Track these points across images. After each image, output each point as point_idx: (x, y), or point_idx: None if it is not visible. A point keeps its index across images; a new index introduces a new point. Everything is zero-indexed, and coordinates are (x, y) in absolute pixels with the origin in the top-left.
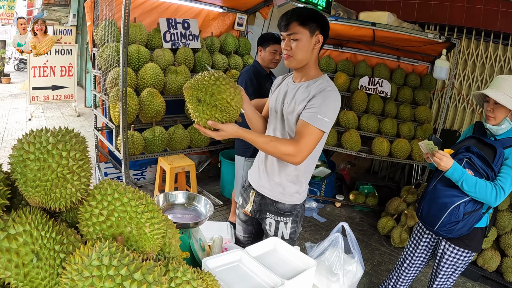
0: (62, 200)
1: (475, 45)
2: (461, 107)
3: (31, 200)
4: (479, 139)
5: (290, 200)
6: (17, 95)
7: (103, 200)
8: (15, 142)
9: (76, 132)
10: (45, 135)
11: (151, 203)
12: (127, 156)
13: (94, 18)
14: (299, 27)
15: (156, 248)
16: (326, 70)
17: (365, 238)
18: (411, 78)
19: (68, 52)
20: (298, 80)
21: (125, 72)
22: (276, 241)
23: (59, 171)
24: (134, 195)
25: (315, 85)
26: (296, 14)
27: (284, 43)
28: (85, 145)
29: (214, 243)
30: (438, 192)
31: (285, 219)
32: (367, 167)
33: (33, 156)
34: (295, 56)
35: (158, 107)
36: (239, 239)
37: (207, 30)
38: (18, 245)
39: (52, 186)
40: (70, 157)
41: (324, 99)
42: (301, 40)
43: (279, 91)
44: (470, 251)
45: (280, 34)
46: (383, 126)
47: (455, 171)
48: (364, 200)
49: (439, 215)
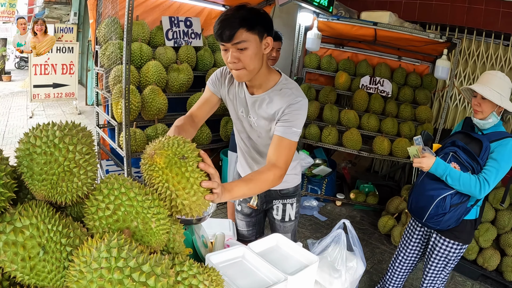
0: (69, 194)
1: (476, 45)
2: (462, 107)
3: (37, 194)
4: (466, 133)
5: (292, 183)
6: (18, 93)
7: (110, 194)
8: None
9: (83, 127)
10: (52, 129)
11: (156, 199)
12: (129, 153)
13: (97, 15)
14: (247, 33)
15: (161, 243)
16: (328, 69)
17: (366, 236)
18: (412, 77)
19: (69, 50)
20: (255, 91)
21: (128, 69)
22: (279, 237)
23: (65, 165)
24: (141, 190)
25: (280, 96)
26: (240, 19)
27: (230, 55)
28: (92, 139)
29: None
30: (425, 185)
31: (290, 201)
32: (368, 166)
33: (40, 149)
34: (248, 67)
35: (160, 105)
36: (243, 234)
37: (209, 28)
38: (25, 238)
39: (58, 180)
40: (77, 151)
41: (297, 112)
42: (250, 48)
43: (238, 101)
44: (460, 243)
45: (221, 44)
46: (384, 126)
47: (438, 166)
48: (364, 199)
49: (426, 207)
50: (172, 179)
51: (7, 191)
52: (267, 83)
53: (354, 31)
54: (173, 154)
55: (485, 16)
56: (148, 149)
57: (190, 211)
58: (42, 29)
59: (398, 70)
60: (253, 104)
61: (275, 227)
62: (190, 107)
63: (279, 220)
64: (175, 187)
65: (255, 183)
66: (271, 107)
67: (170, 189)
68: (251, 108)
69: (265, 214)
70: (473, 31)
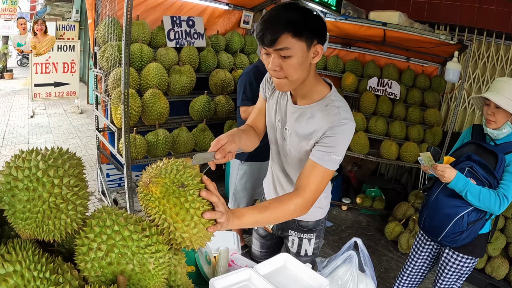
0: (56, 232)
1: (486, 47)
2: (471, 110)
3: (21, 233)
4: (478, 144)
5: (313, 216)
6: (20, 91)
7: (102, 233)
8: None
9: (70, 153)
10: (35, 159)
11: (155, 234)
12: (129, 160)
13: (96, 15)
14: (292, 39)
15: (161, 285)
16: (334, 70)
17: (372, 243)
18: (420, 79)
19: (70, 49)
20: (299, 102)
21: (127, 73)
22: (287, 257)
23: (51, 201)
24: (137, 227)
25: (324, 113)
26: (285, 21)
27: (271, 61)
28: (81, 167)
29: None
30: (441, 203)
31: (308, 236)
32: (373, 169)
33: (22, 184)
34: (290, 77)
35: (161, 109)
36: (256, 254)
37: (213, 28)
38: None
39: (44, 218)
40: (64, 184)
41: (340, 137)
42: (295, 57)
43: (278, 107)
44: (474, 257)
45: (263, 48)
46: (392, 129)
47: (459, 181)
48: (371, 203)
49: (443, 226)
50: (170, 211)
51: None
52: (312, 95)
53: (362, 32)
54: (171, 182)
55: (496, 16)
56: (144, 176)
57: (191, 244)
58: (42, 29)
59: (407, 71)
60: (292, 115)
61: None
62: (193, 110)
63: (293, 253)
64: (173, 219)
65: (272, 212)
66: (310, 124)
67: (167, 221)
68: (289, 118)
69: (281, 240)
70: (483, 32)
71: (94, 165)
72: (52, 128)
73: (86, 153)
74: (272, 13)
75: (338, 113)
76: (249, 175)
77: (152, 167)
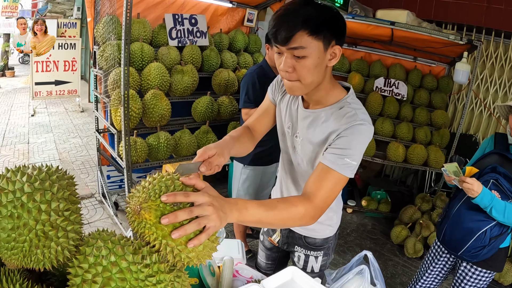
0: (46, 261)
1: (494, 47)
2: (478, 111)
3: (8, 263)
4: (503, 155)
5: (321, 234)
6: (21, 89)
7: (97, 264)
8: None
9: (60, 172)
10: (20, 181)
11: (156, 262)
12: (129, 164)
13: (95, 13)
14: (308, 38)
15: None
16: (340, 70)
17: (378, 247)
18: (427, 80)
19: (71, 46)
20: (311, 106)
21: (127, 74)
22: (294, 270)
23: (38, 229)
24: (136, 256)
25: (338, 115)
26: (302, 18)
27: (283, 61)
28: (73, 188)
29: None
30: (463, 216)
31: (315, 253)
32: (378, 170)
33: (5, 210)
34: (303, 80)
35: (163, 111)
36: (261, 265)
37: (216, 26)
38: None
39: (31, 247)
40: (52, 209)
41: (355, 137)
42: (310, 57)
43: (288, 112)
44: (492, 271)
45: (275, 46)
46: (399, 131)
47: (485, 196)
48: (376, 206)
49: (464, 241)
50: (170, 234)
51: None
52: (327, 99)
53: (369, 31)
54: (164, 204)
55: (505, 16)
56: (132, 202)
57: (198, 262)
58: (42, 29)
59: (414, 71)
60: (303, 120)
61: None
62: (195, 111)
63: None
64: (175, 242)
65: (279, 213)
66: (325, 128)
67: (170, 246)
68: (300, 124)
69: (288, 253)
70: (492, 32)
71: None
72: (53, 127)
73: (87, 153)
74: (288, 8)
75: (354, 114)
76: (252, 179)
77: (138, 190)
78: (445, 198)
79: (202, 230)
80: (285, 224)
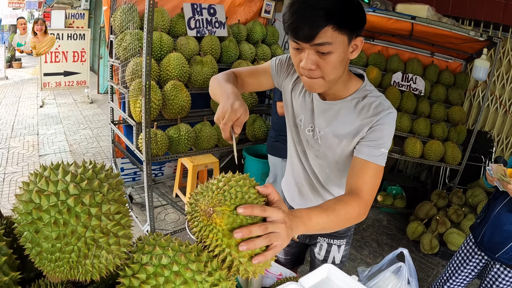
0: (95, 271)
1: (511, 44)
2: (493, 108)
3: (50, 277)
4: None
5: None
6: (28, 80)
7: (157, 274)
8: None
9: (108, 170)
10: (64, 180)
11: (217, 269)
12: (149, 157)
13: (112, 2)
14: (334, 33)
15: None
16: (357, 63)
17: (394, 243)
18: (445, 75)
19: (80, 37)
20: (329, 97)
21: (149, 63)
22: (330, 268)
23: (88, 236)
24: (199, 264)
25: (365, 106)
26: (326, 12)
27: (305, 58)
28: (122, 188)
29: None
30: (505, 218)
31: (338, 242)
32: (392, 165)
33: (48, 216)
34: (327, 76)
35: (183, 102)
36: (279, 261)
37: (233, 17)
38: None
39: (79, 257)
40: (103, 213)
41: (387, 127)
42: (336, 53)
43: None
44: None
45: (294, 42)
46: (416, 126)
47: None
48: (392, 202)
49: (504, 243)
50: (236, 246)
51: (9, 271)
52: (346, 90)
53: (389, 25)
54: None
55: None
56: (204, 202)
57: (253, 275)
58: (42, 29)
59: (431, 67)
60: (323, 113)
61: (314, 267)
62: (215, 103)
63: (320, 260)
64: (239, 253)
65: (338, 215)
66: (352, 120)
67: (232, 255)
68: (318, 117)
69: (306, 247)
70: (509, 29)
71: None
72: (62, 119)
73: (97, 144)
74: (307, 1)
75: (381, 104)
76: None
77: (210, 188)
78: (461, 195)
79: (268, 246)
80: (343, 225)
